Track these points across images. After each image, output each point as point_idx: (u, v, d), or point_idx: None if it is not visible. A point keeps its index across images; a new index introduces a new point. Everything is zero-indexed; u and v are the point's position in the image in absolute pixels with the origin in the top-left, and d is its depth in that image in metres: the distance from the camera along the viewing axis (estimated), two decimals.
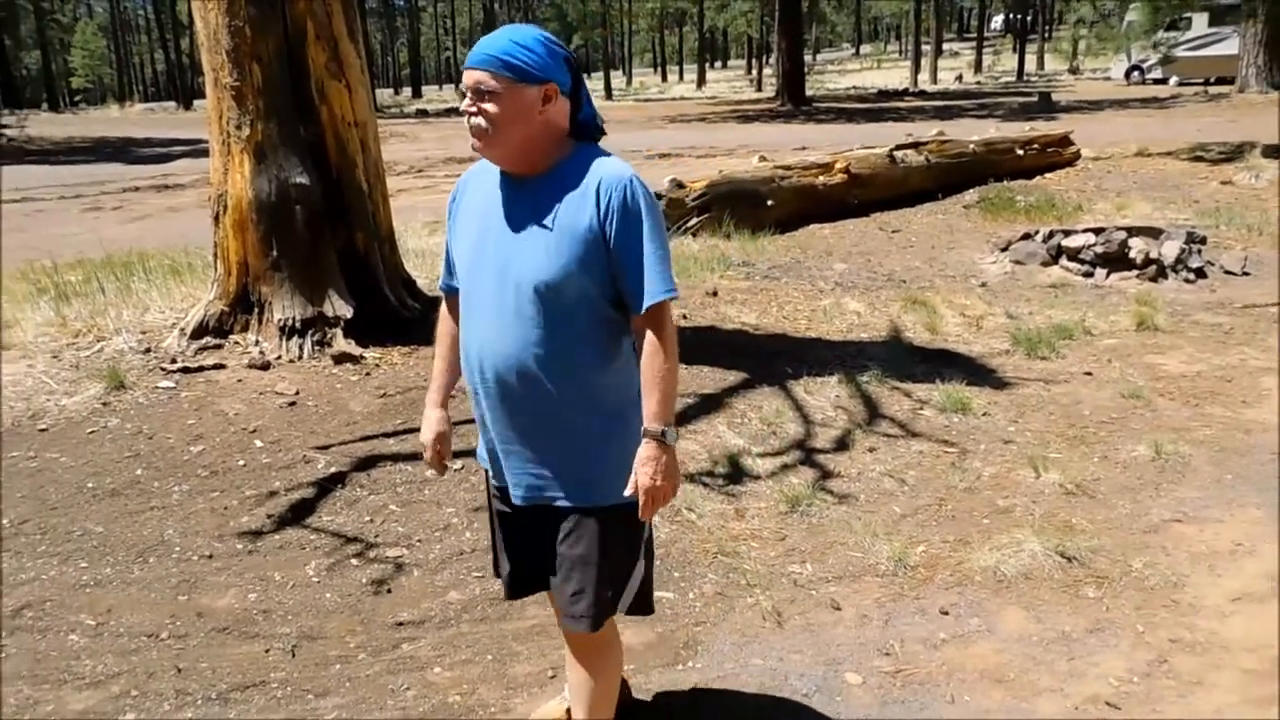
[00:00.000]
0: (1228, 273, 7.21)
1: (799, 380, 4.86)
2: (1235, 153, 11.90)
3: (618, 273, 1.92)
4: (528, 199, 1.94)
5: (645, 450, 1.92)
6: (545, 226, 1.90)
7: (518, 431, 2.00)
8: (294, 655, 2.87)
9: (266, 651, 2.88)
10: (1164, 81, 29.18)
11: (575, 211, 1.90)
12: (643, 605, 2.16)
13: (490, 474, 2.15)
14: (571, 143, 1.98)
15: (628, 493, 1.93)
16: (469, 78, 1.91)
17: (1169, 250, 7.16)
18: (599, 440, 1.99)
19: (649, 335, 1.93)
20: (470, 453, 3.13)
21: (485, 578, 3.18)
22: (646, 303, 1.91)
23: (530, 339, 1.92)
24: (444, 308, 2.25)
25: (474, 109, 1.91)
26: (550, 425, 1.98)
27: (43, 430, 4.15)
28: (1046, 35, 47.43)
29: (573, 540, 2.02)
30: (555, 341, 1.92)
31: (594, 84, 50.59)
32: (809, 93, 29.96)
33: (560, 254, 1.89)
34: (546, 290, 1.90)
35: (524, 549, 2.15)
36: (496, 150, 1.93)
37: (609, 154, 1.99)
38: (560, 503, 2.02)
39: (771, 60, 39.14)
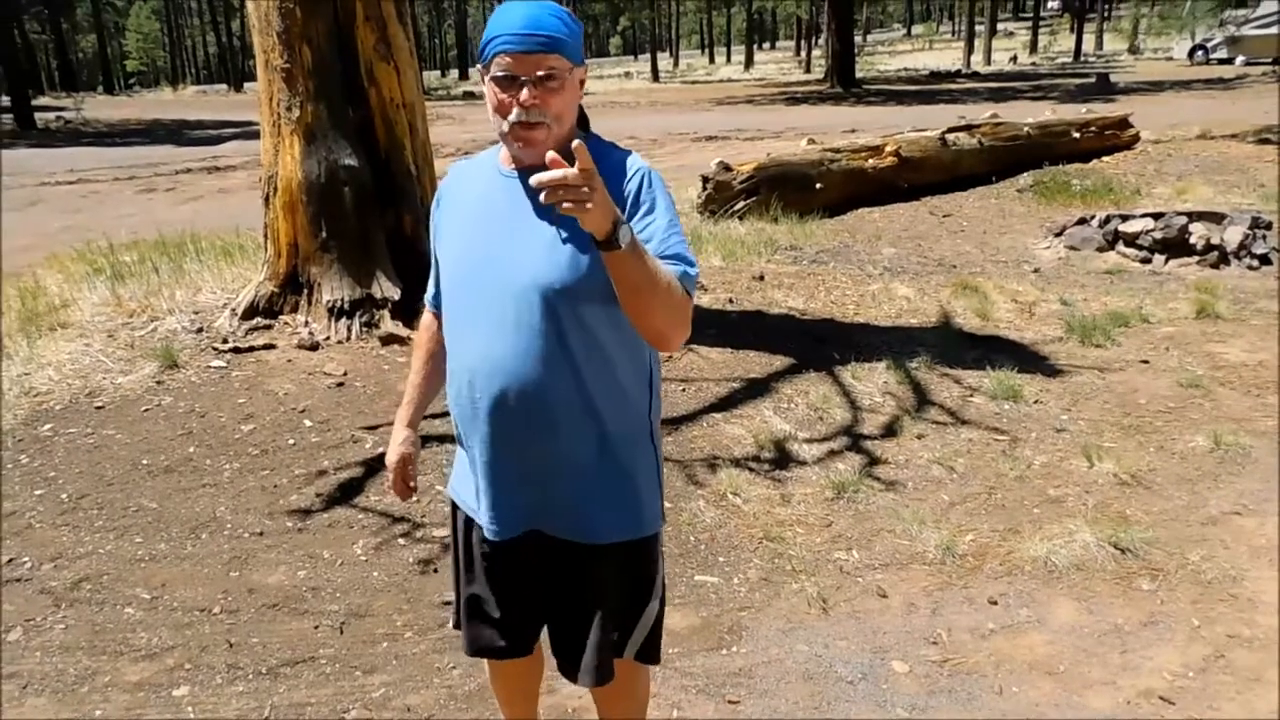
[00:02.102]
0: None
1: (846, 366, 4.81)
2: None
3: None
4: (535, 197, 1.58)
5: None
6: (556, 224, 1.66)
7: (514, 461, 1.76)
8: (342, 632, 2.91)
9: (316, 628, 2.93)
10: (1229, 61, 28.27)
11: None
12: (650, 652, 1.93)
13: (469, 510, 1.90)
14: (578, 131, 1.74)
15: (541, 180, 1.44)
16: (533, 64, 1.61)
17: (1232, 236, 6.95)
18: (607, 469, 1.77)
19: None
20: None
21: None
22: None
23: (533, 351, 1.68)
24: (425, 319, 2.07)
25: (535, 100, 1.62)
26: (553, 453, 1.74)
27: (99, 408, 4.25)
28: (1106, 14, 46.24)
29: (576, 581, 1.83)
30: (565, 354, 1.69)
31: (641, 65, 50.43)
32: (859, 74, 29.54)
33: (577, 251, 1.65)
34: (556, 294, 1.66)
35: (511, 595, 1.90)
36: (544, 150, 1.48)
37: (613, 143, 1.77)
38: (561, 538, 1.80)
39: (820, 41, 38.65)
